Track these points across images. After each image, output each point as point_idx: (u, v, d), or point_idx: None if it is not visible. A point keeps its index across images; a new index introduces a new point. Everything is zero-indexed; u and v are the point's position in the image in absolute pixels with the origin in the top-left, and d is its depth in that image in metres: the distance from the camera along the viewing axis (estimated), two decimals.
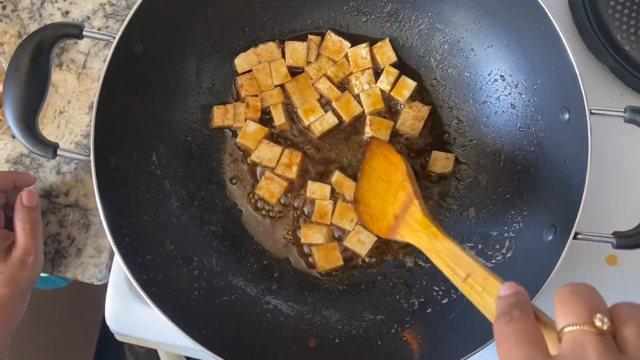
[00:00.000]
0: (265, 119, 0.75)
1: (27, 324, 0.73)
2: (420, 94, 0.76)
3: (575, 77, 0.62)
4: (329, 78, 0.75)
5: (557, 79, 0.65)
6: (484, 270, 0.49)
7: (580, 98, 0.61)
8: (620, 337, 0.30)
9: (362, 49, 0.75)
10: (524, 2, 0.64)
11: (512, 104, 0.72)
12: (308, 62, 0.76)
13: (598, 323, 0.30)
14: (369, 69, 0.75)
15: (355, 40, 0.76)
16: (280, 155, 0.73)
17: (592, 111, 0.61)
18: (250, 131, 0.73)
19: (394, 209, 0.63)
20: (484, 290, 0.47)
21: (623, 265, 0.75)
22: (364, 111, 0.75)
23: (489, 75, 0.73)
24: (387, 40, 0.75)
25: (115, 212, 0.62)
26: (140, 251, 0.64)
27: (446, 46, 0.75)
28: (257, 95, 0.75)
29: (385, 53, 0.75)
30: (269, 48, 0.76)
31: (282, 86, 0.76)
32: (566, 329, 0.30)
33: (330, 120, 0.74)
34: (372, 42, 0.76)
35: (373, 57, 0.76)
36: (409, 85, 0.74)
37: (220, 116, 0.74)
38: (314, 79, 0.75)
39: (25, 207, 0.67)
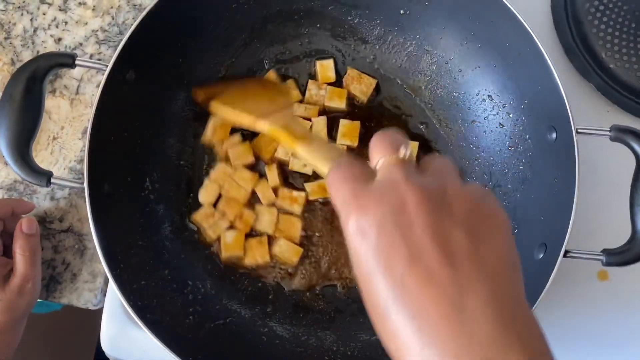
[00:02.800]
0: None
1: (22, 348, 0.73)
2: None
3: (561, 97, 0.63)
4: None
5: (544, 98, 0.66)
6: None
7: (566, 118, 0.62)
8: (422, 164, 0.39)
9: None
10: (509, 24, 0.66)
11: (500, 123, 0.73)
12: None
13: (401, 153, 0.37)
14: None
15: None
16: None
17: (579, 130, 0.62)
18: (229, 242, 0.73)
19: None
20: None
21: (614, 280, 0.76)
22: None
23: (477, 95, 0.74)
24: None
25: (109, 239, 0.63)
26: (134, 277, 0.65)
27: (434, 67, 0.76)
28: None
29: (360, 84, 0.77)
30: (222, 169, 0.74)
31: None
32: (379, 163, 0.38)
33: None
34: (360, 65, 0.78)
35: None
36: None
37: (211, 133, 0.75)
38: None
39: (25, 234, 0.68)
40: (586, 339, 0.74)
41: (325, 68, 0.76)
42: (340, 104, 0.75)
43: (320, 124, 0.74)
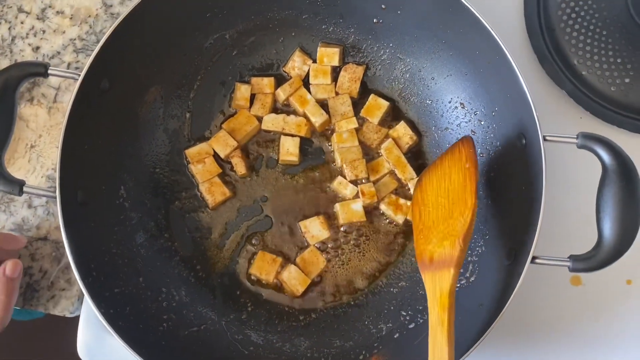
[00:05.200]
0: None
1: (2, 355, 0.73)
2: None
3: (528, 105, 0.63)
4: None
5: (513, 106, 0.67)
6: None
7: (534, 125, 0.63)
8: None
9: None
10: (478, 33, 0.66)
11: (472, 130, 0.73)
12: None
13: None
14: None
15: None
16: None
17: (546, 138, 0.63)
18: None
19: (435, 248, 0.62)
20: None
21: (587, 285, 0.76)
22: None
23: (450, 102, 0.75)
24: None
25: (82, 247, 0.63)
26: (107, 285, 0.65)
27: (408, 75, 0.77)
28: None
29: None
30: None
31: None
32: None
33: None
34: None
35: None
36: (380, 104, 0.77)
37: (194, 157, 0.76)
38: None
39: (7, 277, 0.67)
40: (561, 344, 0.75)
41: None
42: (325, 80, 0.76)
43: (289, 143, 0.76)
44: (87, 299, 0.61)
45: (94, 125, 0.68)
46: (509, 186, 0.68)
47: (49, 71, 0.64)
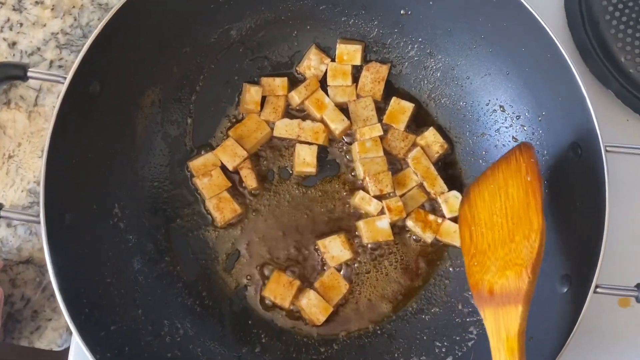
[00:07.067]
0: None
1: None
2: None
3: (587, 110, 0.56)
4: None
5: (565, 111, 0.60)
6: None
7: (593, 133, 0.56)
8: None
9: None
10: (526, 26, 0.59)
11: (513, 137, 0.66)
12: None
13: None
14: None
15: None
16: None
17: (608, 148, 0.55)
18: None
19: (495, 279, 0.53)
20: None
21: (636, 306, 0.69)
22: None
23: (487, 105, 0.67)
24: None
25: (72, 280, 0.55)
26: (102, 322, 0.57)
27: (439, 74, 0.69)
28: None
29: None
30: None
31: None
32: None
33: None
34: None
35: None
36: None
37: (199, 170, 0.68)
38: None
39: None
40: None
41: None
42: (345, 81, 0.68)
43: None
44: (80, 343, 0.52)
45: (83, 136, 0.60)
46: (561, 203, 0.60)
47: (29, 74, 0.56)
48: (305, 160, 0.67)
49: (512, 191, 0.55)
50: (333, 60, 0.69)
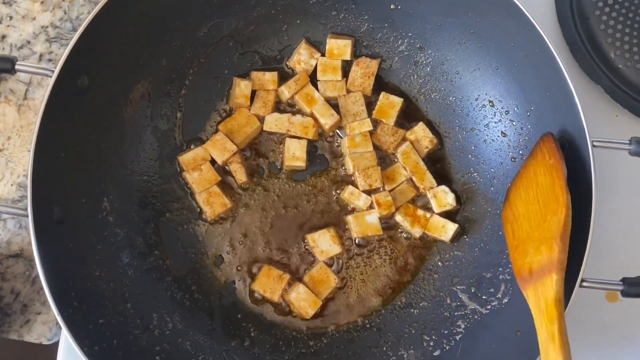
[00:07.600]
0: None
1: None
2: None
3: (574, 106, 0.56)
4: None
5: (553, 106, 0.60)
6: None
7: (580, 128, 0.56)
8: None
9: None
10: (515, 21, 0.59)
11: (502, 132, 0.66)
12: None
13: None
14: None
15: None
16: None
17: (595, 143, 0.55)
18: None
19: (532, 258, 0.54)
20: None
21: (624, 301, 0.69)
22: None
23: (477, 100, 0.67)
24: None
25: (60, 273, 0.55)
26: (91, 316, 0.57)
27: (428, 69, 0.69)
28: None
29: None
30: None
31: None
32: None
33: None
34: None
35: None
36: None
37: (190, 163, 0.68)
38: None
39: None
40: None
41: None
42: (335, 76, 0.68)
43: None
44: (68, 336, 0.52)
45: (71, 130, 0.60)
46: None
47: (17, 67, 0.56)
48: (295, 154, 0.67)
49: (541, 179, 0.57)
50: (323, 54, 0.69)
